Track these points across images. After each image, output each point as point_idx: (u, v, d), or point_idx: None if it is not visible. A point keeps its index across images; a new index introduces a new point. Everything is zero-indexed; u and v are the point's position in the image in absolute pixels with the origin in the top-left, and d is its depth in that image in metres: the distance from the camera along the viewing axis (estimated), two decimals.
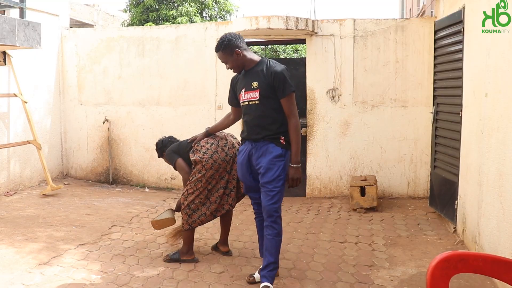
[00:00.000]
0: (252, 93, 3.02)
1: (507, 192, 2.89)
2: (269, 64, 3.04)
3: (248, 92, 3.04)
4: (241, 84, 3.12)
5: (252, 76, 3.05)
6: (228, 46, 3.03)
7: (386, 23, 5.49)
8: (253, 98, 3.02)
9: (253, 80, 3.02)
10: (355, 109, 5.58)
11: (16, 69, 5.68)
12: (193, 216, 3.51)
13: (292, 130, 2.99)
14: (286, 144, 3.01)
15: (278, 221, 3.02)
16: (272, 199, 2.98)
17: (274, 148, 2.98)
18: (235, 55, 3.04)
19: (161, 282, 3.18)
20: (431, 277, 1.50)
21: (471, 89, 3.78)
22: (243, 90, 3.07)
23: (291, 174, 2.99)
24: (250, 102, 3.04)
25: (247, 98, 3.05)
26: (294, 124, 3.00)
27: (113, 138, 6.45)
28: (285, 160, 3.00)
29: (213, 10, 14.07)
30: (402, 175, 5.54)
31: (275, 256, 3.04)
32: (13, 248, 3.77)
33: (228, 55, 3.05)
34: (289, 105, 2.99)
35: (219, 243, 3.77)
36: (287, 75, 3.00)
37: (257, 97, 3.00)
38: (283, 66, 3.03)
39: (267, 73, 2.98)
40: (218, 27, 5.91)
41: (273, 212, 2.99)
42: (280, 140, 2.99)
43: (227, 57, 3.06)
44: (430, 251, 3.75)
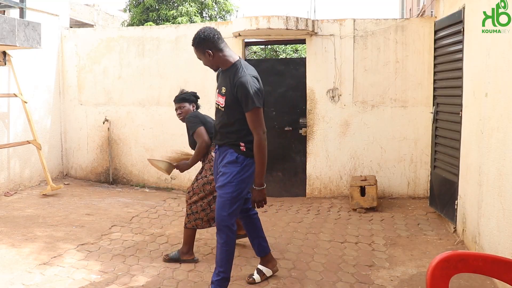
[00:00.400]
0: (220, 98, 2.84)
1: (507, 192, 2.89)
2: (238, 71, 2.75)
3: (219, 95, 2.86)
4: (218, 84, 2.94)
5: (224, 79, 2.84)
6: (200, 44, 2.81)
7: (386, 23, 5.49)
8: (220, 103, 2.85)
9: (223, 85, 2.82)
10: (355, 109, 5.58)
11: (16, 69, 5.68)
12: (190, 216, 3.52)
13: (256, 148, 2.72)
14: (247, 152, 2.78)
15: (225, 230, 2.78)
16: (222, 207, 2.78)
17: (232, 154, 2.81)
18: (206, 55, 2.81)
19: (161, 282, 3.18)
20: (431, 277, 1.50)
21: (471, 89, 3.78)
22: (217, 91, 2.90)
23: (253, 196, 2.79)
24: (218, 106, 2.88)
25: (217, 102, 2.89)
26: (257, 141, 2.71)
27: (113, 138, 6.45)
28: (240, 167, 2.78)
29: (213, 10, 14.07)
30: (402, 175, 5.54)
31: (222, 266, 2.82)
32: (13, 248, 3.77)
33: (200, 53, 2.83)
34: (252, 120, 2.71)
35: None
36: (253, 88, 2.69)
37: (223, 104, 2.81)
38: (249, 77, 2.71)
39: (232, 82, 2.74)
40: (218, 27, 5.91)
41: (220, 221, 2.78)
42: (240, 146, 2.79)
43: (200, 55, 2.85)
44: (430, 251, 3.75)
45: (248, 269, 3.40)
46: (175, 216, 4.85)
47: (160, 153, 6.19)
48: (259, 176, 2.76)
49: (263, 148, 2.72)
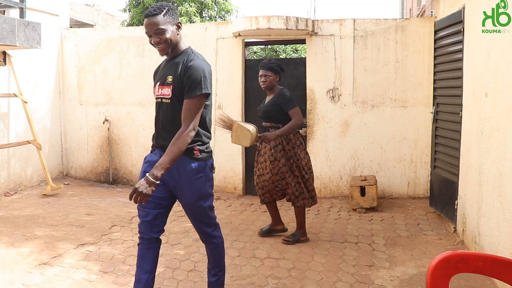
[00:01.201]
0: (165, 89, 2.42)
1: (507, 192, 2.89)
2: (190, 56, 2.42)
3: (162, 87, 2.44)
4: (159, 76, 2.52)
5: (170, 68, 2.44)
6: (172, 13, 2.43)
7: (386, 23, 5.49)
8: (165, 95, 2.42)
9: (169, 73, 2.41)
10: (355, 109, 5.58)
11: (16, 69, 5.68)
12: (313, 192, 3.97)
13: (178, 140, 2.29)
14: (202, 155, 2.45)
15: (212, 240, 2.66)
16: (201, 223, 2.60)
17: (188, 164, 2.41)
18: (175, 28, 2.44)
19: (161, 282, 3.18)
20: (431, 277, 1.50)
21: (471, 89, 3.78)
22: (158, 83, 2.48)
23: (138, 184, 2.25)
24: (162, 100, 2.45)
25: (160, 94, 2.45)
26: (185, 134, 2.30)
27: (113, 138, 6.45)
28: (204, 174, 2.47)
29: (213, 10, 14.07)
30: (402, 175, 5.54)
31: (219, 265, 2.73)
32: (13, 248, 3.77)
33: (169, 23, 2.39)
34: (190, 109, 2.32)
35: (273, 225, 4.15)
36: (207, 73, 2.38)
37: (169, 95, 2.40)
38: (204, 62, 2.42)
39: (183, 66, 2.37)
40: (218, 27, 5.91)
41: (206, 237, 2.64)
42: (194, 151, 2.41)
43: (166, 26, 2.38)
44: (430, 251, 3.75)
45: (248, 269, 3.40)
46: (175, 216, 4.85)
47: None
48: (161, 167, 2.24)
49: (184, 144, 2.29)
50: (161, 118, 2.48)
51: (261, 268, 3.42)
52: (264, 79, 3.88)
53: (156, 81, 2.53)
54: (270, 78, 3.86)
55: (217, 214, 4.99)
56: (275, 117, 3.85)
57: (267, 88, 3.92)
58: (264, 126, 3.95)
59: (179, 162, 2.37)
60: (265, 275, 3.28)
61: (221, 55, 5.86)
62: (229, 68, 5.82)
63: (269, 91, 3.97)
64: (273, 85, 3.92)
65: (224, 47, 5.85)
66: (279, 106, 3.82)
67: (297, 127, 3.79)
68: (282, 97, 3.83)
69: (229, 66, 5.82)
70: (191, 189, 2.46)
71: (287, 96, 3.83)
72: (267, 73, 3.86)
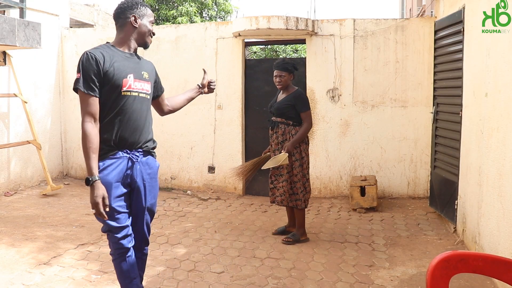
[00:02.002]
0: (145, 84, 2.40)
1: (507, 192, 2.89)
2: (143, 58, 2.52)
3: (139, 80, 2.37)
4: (124, 67, 2.31)
5: (139, 64, 2.41)
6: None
7: (386, 23, 5.49)
8: (146, 90, 2.40)
9: (143, 69, 2.42)
10: (355, 109, 5.58)
11: (16, 69, 5.68)
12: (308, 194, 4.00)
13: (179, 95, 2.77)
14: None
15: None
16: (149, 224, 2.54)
17: (154, 162, 2.50)
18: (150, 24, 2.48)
19: (161, 282, 3.18)
20: (431, 277, 1.50)
21: (471, 89, 3.78)
22: (131, 75, 2.32)
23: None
24: (140, 94, 2.36)
25: (139, 88, 2.36)
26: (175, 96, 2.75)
27: None
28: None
29: (213, 10, 14.08)
30: (402, 175, 5.54)
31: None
32: (13, 248, 3.77)
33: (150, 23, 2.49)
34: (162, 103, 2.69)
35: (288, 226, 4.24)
36: None
37: (149, 91, 2.44)
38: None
39: (150, 65, 2.52)
40: (218, 27, 5.91)
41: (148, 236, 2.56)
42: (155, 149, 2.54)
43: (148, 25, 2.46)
44: (430, 251, 3.75)
45: (248, 269, 3.40)
46: (175, 216, 4.85)
47: (160, 153, 6.20)
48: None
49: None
50: (140, 115, 2.37)
51: (261, 268, 3.42)
52: (279, 80, 3.97)
53: (124, 71, 2.29)
54: (284, 78, 3.96)
55: (217, 214, 5.03)
56: (286, 114, 3.95)
57: (282, 88, 4.02)
58: (274, 120, 4.04)
59: (149, 163, 2.43)
60: (265, 275, 3.28)
61: (221, 55, 5.87)
62: (229, 68, 5.82)
63: (284, 89, 4.06)
64: (288, 84, 4.02)
65: (224, 47, 5.85)
66: (293, 106, 3.93)
67: (309, 130, 3.97)
68: (298, 98, 3.94)
69: (229, 66, 5.82)
70: (154, 191, 2.48)
71: (302, 98, 3.96)
72: (282, 73, 3.96)
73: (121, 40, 2.39)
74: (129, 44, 2.39)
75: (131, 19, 2.36)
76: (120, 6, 2.40)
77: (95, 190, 2.17)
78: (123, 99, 2.28)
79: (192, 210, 5.10)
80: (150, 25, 2.43)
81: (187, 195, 5.82)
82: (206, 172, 6.02)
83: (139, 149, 2.39)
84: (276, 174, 4.04)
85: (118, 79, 2.26)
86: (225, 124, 5.88)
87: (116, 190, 2.29)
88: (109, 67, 2.24)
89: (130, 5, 2.37)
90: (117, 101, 2.27)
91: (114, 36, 2.48)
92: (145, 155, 2.43)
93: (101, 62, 2.22)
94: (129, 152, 2.34)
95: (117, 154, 2.30)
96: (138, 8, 2.38)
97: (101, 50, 2.28)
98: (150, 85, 2.44)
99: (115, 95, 2.26)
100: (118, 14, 2.40)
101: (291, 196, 3.98)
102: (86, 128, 2.19)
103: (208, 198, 5.63)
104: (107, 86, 2.24)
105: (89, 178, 2.17)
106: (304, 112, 3.92)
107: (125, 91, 2.28)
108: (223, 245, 3.92)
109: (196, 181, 6.08)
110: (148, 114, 2.45)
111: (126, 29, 2.38)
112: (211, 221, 4.66)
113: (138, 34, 2.40)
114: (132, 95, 2.31)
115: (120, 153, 2.31)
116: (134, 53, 2.43)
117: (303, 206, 3.98)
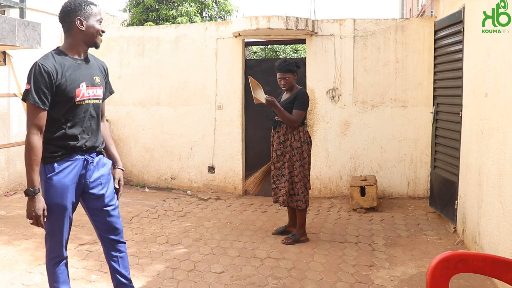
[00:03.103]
0: (97, 90, 2.40)
1: (507, 192, 2.89)
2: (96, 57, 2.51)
3: (91, 87, 2.36)
4: (77, 76, 2.29)
5: (91, 69, 2.39)
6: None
7: (386, 23, 5.49)
8: (98, 96, 2.41)
9: (95, 74, 2.39)
10: (355, 109, 5.58)
11: (16, 69, 5.68)
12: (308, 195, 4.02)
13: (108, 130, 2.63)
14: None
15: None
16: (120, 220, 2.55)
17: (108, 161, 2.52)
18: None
19: (161, 282, 3.18)
20: (431, 277, 1.50)
21: (471, 89, 3.78)
22: (83, 84, 2.31)
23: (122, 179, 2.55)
24: (93, 101, 2.39)
25: (92, 95, 2.36)
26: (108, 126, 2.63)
27: (113, 138, 6.45)
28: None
29: (213, 10, 14.07)
30: (402, 175, 5.54)
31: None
32: (13, 248, 3.77)
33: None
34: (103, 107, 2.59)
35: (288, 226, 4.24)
36: None
37: (101, 96, 2.44)
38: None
39: (103, 68, 2.50)
40: (218, 27, 5.91)
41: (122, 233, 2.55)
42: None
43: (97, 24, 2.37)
44: (430, 251, 3.75)
45: (248, 269, 3.40)
46: (175, 216, 4.85)
47: (160, 153, 6.20)
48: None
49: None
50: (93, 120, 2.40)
51: (261, 268, 3.42)
52: (284, 82, 3.97)
53: (76, 81, 2.28)
54: (289, 79, 3.96)
55: (217, 214, 5.03)
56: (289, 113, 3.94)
57: (288, 89, 4.02)
58: (277, 120, 4.04)
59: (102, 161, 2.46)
60: (265, 275, 3.28)
61: (221, 55, 5.87)
62: (229, 68, 5.82)
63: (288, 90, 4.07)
64: (293, 85, 4.01)
65: (224, 47, 5.85)
66: (293, 104, 3.94)
67: (290, 123, 3.90)
68: (298, 97, 3.94)
69: (229, 66, 5.82)
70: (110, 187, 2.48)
71: (302, 98, 3.94)
72: (285, 75, 3.95)
73: (69, 45, 2.32)
74: (79, 49, 2.33)
75: (76, 22, 2.26)
76: (63, 9, 2.29)
77: (36, 202, 2.20)
78: (77, 108, 2.30)
79: (192, 210, 5.10)
80: (98, 24, 2.33)
81: (187, 195, 5.82)
82: (206, 172, 6.02)
83: (94, 152, 2.42)
84: (278, 174, 4.03)
85: (71, 90, 2.25)
86: (225, 124, 5.88)
87: (72, 192, 2.32)
88: (61, 78, 2.22)
89: (74, 8, 2.26)
90: (70, 111, 2.28)
91: (114, 36, 2.47)
92: (97, 155, 2.45)
93: (54, 75, 2.19)
94: (84, 155, 2.36)
95: (73, 156, 2.32)
96: (83, 9, 2.27)
97: (53, 60, 2.24)
98: (102, 89, 2.43)
99: (69, 105, 2.27)
100: (62, 18, 2.30)
101: (292, 197, 3.98)
102: (32, 140, 2.18)
103: (208, 198, 5.63)
104: (59, 97, 2.23)
105: (31, 189, 2.18)
106: (298, 110, 3.88)
107: (78, 101, 2.29)
108: (223, 245, 3.92)
109: (196, 181, 6.08)
110: (100, 118, 2.47)
111: (73, 33, 2.29)
112: (211, 221, 4.66)
113: (86, 36, 2.30)
114: (85, 103, 2.33)
115: (76, 156, 2.33)
116: (85, 57, 2.38)
117: (304, 207, 3.97)
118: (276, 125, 4.03)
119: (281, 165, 4.00)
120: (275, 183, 4.07)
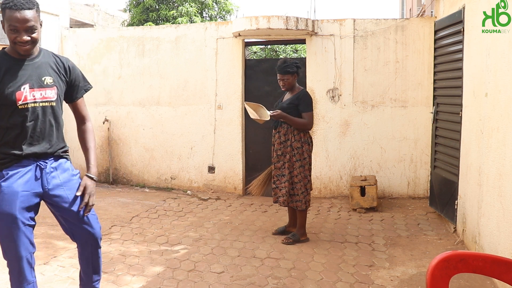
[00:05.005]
0: (47, 91, 2.22)
1: (507, 192, 2.89)
2: (55, 55, 2.33)
3: (39, 89, 2.19)
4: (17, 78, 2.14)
5: (40, 69, 2.21)
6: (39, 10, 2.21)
7: (386, 23, 5.50)
8: (48, 98, 2.24)
9: (44, 75, 2.22)
10: (355, 109, 5.58)
11: None
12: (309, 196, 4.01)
13: (91, 133, 2.50)
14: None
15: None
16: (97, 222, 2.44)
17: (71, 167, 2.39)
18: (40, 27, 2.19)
19: (161, 282, 3.18)
20: (431, 277, 1.50)
21: (471, 89, 3.78)
22: (26, 86, 2.15)
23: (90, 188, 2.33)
24: (41, 104, 2.21)
25: (39, 98, 2.19)
26: (91, 126, 2.54)
27: (113, 138, 6.45)
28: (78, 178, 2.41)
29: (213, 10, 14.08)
30: (402, 175, 5.54)
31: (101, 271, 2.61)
32: None
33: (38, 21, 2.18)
34: (84, 105, 2.53)
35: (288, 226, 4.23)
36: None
37: (55, 97, 2.27)
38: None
39: (62, 66, 2.31)
40: (218, 27, 5.91)
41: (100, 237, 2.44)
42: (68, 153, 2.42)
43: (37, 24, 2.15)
44: (430, 251, 3.75)
45: (248, 269, 3.40)
46: (175, 216, 4.85)
47: (160, 153, 6.20)
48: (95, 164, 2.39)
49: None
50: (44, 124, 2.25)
51: (261, 268, 3.42)
52: (283, 83, 3.98)
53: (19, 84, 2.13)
54: (288, 81, 3.96)
55: (217, 214, 5.03)
56: (290, 114, 3.95)
57: (288, 90, 4.03)
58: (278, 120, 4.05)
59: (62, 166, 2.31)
60: (265, 275, 3.28)
61: (221, 55, 5.87)
62: (229, 68, 5.82)
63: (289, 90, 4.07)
64: (293, 85, 4.02)
65: (224, 47, 5.86)
66: (297, 106, 3.94)
67: (305, 128, 3.96)
68: (301, 99, 3.95)
69: (229, 66, 5.83)
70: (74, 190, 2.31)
71: (306, 99, 3.96)
72: (284, 77, 3.95)
73: (11, 45, 2.14)
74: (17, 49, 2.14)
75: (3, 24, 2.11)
76: None
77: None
78: (21, 112, 2.15)
79: (192, 210, 5.10)
80: (12, 32, 2.08)
81: (187, 195, 5.82)
82: (206, 172, 6.02)
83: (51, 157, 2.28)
84: (278, 174, 4.03)
85: (10, 94, 2.10)
86: (225, 124, 5.89)
87: (24, 201, 2.16)
88: None
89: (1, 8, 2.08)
90: (14, 115, 2.14)
91: (114, 36, 2.47)
92: (56, 159, 2.31)
93: None
94: (38, 160, 2.22)
95: (23, 162, 2.19)
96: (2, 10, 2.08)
97: None
98: (55, 91, 2.25)
99: (11, 109, 2.12)
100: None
101: (292, 197, 3.98)
102: None
103: (208, 198, 5.63)
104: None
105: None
106: (306, 113, 3.92)
107: (21, 105, 2.14)
108: (223, 245, 3.92)
109: (196, 181, 6.08)
110: (56, 121, 2.33)
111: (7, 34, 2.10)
112: (211, 221, 4.66)
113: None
114: (30, 107, 2.17)
115: (26, 162, 2.19)
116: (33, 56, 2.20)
117: (303, 208, 3.97)
118: (277, 125, 4.04)
119: (282, 165, 4.00)
120: (275, 183, 4.06)
